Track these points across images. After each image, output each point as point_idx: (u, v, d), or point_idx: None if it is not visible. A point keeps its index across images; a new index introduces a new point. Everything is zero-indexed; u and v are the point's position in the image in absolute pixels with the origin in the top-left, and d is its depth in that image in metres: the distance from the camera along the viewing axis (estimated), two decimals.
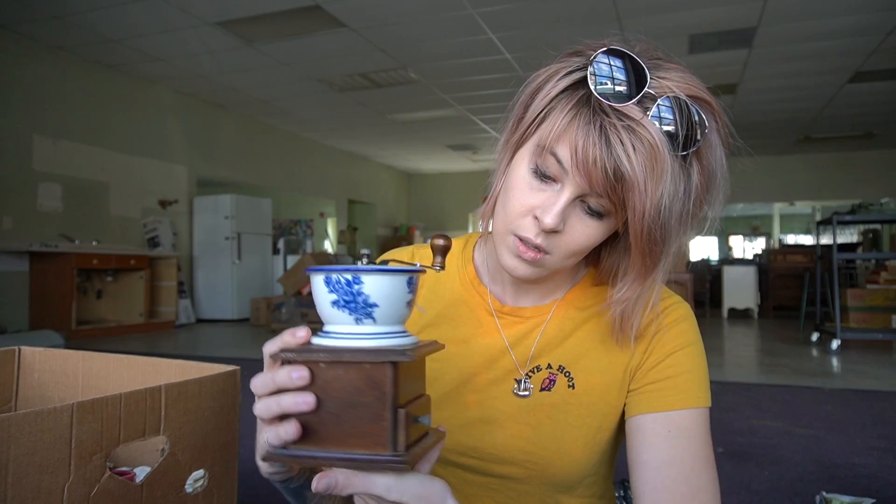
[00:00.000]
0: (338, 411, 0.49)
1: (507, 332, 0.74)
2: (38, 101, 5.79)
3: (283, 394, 0.50)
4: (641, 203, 0.56)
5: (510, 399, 0.71)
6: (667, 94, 0.56)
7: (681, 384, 0.68)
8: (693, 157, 0.58)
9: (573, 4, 4.90)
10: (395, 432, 0.48)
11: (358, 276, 0.50)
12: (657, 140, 0.54)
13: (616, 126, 0.55)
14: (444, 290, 0.78)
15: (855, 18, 5.11)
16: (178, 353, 5.04)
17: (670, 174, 0.55)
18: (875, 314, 5.59)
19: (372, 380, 0.48)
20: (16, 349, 1.12)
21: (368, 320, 0.51)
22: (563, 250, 0.62)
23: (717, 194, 0.62)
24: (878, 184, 10.12)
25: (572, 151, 0.57)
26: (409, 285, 0.52)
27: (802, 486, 1.98)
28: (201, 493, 0.83)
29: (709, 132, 0.57)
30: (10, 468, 0.61)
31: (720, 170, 0.60)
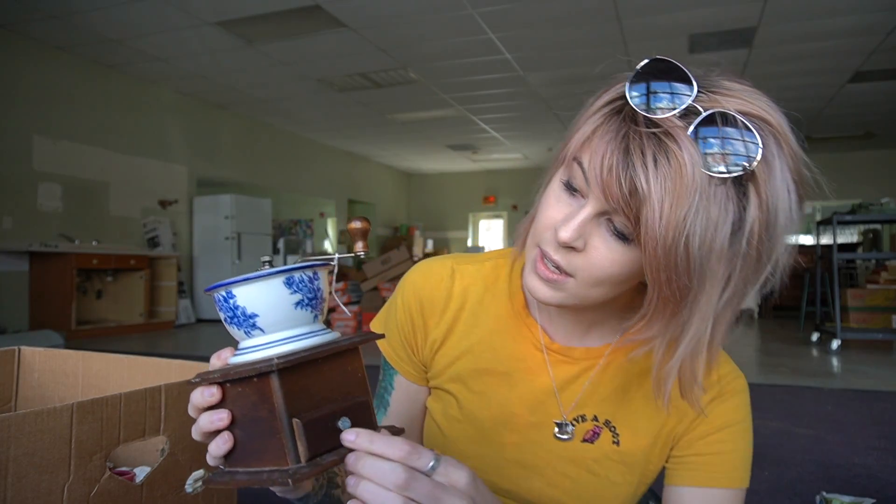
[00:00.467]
0: (248, 427, 0.49)
1: (555, 373, 0.68)
2: (38, 101, 5.79)
3: (202, 414, 0.50)
4: (654, 222, 0.49)
5: (550, 444, 0.68)
6: (715, 108, 0.50)
7: (727, 462, 0.65)
8: (750, 187, 0.50)
9: (573, 4, 4.89)
10: (293, 443, 0.46)
11: (230, 291, 0.48)
12: (685, 156, 0.48)
13: (641, 136, 0.49)
14: (489, 315, 0.71)
15: (855, 18, 5.11)
16: (178, 353, 5.04)
17: (704, 198, 0.48)
18: (875, 314, 5.59)
19: (262, 394, 0.47)
20: (16, 349, 1.12)
21: (256, 331, 0.49)
22: (585, 274, 0.55)
23: (780, 237, 0.52)
24: (878, 184, 10.12)
25: (591, 159, 0.52)
26: (290, 286, 0.49)
27: (802, 486, 1.97)
28: (201, 493, 0.83)
29: (769, 157, 0.49)
30: (10, 468, 0.61)
31: (784, 207, 0.51)
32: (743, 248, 0.50)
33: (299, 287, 0.50)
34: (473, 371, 0.71)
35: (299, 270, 0.50)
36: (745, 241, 0.50)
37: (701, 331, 0.53)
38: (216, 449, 0.50)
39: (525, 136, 9.71)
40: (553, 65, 6.31)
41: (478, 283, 0.73)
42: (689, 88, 0.51)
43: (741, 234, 0.50)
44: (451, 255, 0.77)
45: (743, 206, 0.49)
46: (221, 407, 0.50)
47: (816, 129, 9.01)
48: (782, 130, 0.51)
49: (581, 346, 0.68)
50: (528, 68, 6.44)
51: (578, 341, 0.68)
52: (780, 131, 0.51)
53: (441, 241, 13.15)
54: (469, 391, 0.71)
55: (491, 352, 0.70)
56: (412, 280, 0.75)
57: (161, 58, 6.20)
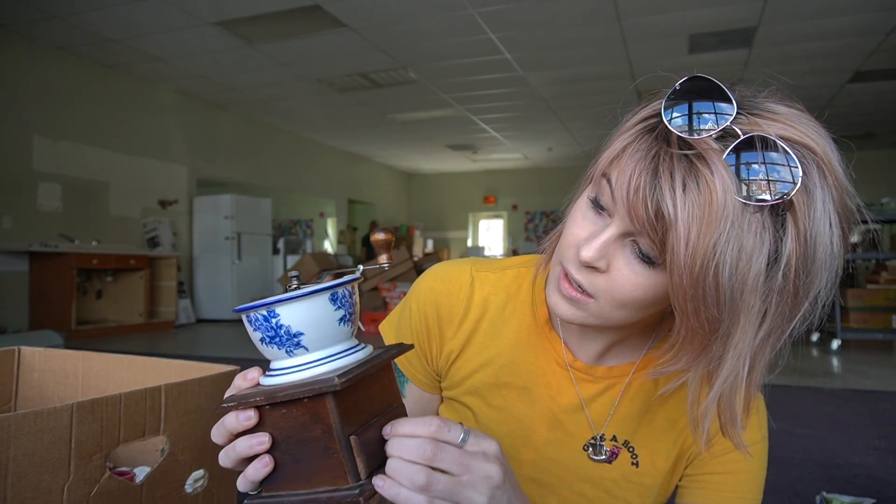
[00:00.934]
0: (293, 450, 0.48)
1: (581, 391, 0.67)
2: (38, 101, 5.79)
3: (238, 439, 0.48)
4: (680, 249, 0.46)
5: (568, 462, 0.67)
6: (755, 131, 0.47)
7: (742, 482, 0.64)
8: (788, 218, 0.47)
9: (573, 4, 4.89)
10: (353, 462, 0.46)
11: (272, 310, 0.47)
12: (717, 182, 0.45)
13: (672, 158, 0.47)
14: (510, 328, 0.69)
15: (855, 18, 5.11)
16: (178, 353, 5.04)
17: (736, 227, 0.45)
18: (875, 314, 5.59)
19: (314, 414, 0.46)
20: (16, 349, 1.12)
21: (300, 350, 0.48)
22: (608, 296, 0.54)
23: (820, 273, 0.48)
24: (878, 184, 10.12)
25: (619, 178, 0.50)
26: (335, 301, 0.48)
27: (802, 486, 1.97)
28: (201, 493, 0.83)
29: (810, 187, 0.47)
30: (10, 468, 0.61)
31: (824, 240, 0.47)
32: (779, 282, 0.47)
33: (342, 303, 0.49)
34: (492, 385, 0.69)
35: (342, 286, 0.49)
36: (781, 275, 0.47)
37: (738, 367, 0.50)
38: (255, 473, 0.48)
39: (525, 136, 9.71)
40: (553, 65, 6.31)
41: (499, 293, 0.70)
42: (730, 109, 0.48)
43: (777, 268, 0.47)
44: (468, 259, 0.74)
45: (780, 237, 0.47)
46: (259, 430, 0.48)
47: None
48: (827, 159, 0.48)
49: (603, 364, 0.67)
50: (528, 68, 6.44)
51: (600, 360, 0.67)
52: (824, 160, 0.48)
53: (441, 241, 13.15)
54: (487, 405, 0.69)
55: (511, 365, 0.68)
56: (430, 285, 0.71)
57: (161, 58, 6.20)
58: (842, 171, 0.49)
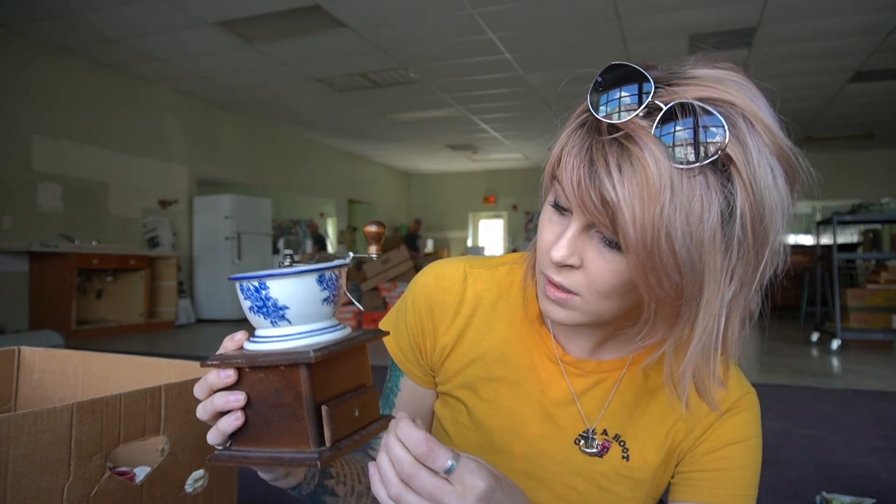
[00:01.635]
0: (265, 412, 0.52)
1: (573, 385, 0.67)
2: (38, 101, 5.79)
3: (216, 393, 0.52)
4: (628, 227, 0.48)
5: (559, 456, 0.67)
6: (675, 100, 0.49)
7: (734, 479, 0.64)
8: (732, 172, 0.48)
9: (573, 4, 4.89)
10: (318, 429, 0.50)
11: (263, 282, 0.52)
12: (647, 155, 0.47)
13: (604, 145, 0.49)
14: (501, 323, 0.70)
15: (855, 18, 5.11)
16: (178, 353, 5.04)
17: (678, 192, 0.47)
18: (875, 314, 5.59)
19: (287, 381, 0.50)
20: (16, 349, 1.12)
21: (283, 322, 0.52)
22: (590, 289, 0.55)
23: (773, 217, 0.50)
24: (878, 184, 10.12)
25: (563, 177, 0.52)
26: (322, 283, 0.52)
27: (802, 486, 1.97)
28: (201, 493, 0.83)
29: (741, 138, 0.48)
30: (10, 468, 0.61)
31: (769, 184, 0.49)
32: (738, 234, 0.49)
33: (328, 285, 0.53)
34: (484, 379, 0.70)
35: (330, 270, 0.53)
36: (738, 227, 0.49)
37: (711, 326, 0.52)
38: (227, 426, 0.52)
39: (525, 136, 9.72)
40: (553, 65, 6.31)
41: (491, 289, 0.72)
42: (648, 87, 0.50)
43: (733, 221, 0.49)
44: (463, 257, 0.76)
45: (729, 191, 0.48)
46: (237, 388, 0.52)
47: (816, 129, 9.01)
48: (751, 109, 0.50)
49: (593, 359, 0.68)
50: (528, 68, 6.44)
51: (591, 354, 0.68)
52: (748, 110, 0.49)
53: (441, 241, 13.15)
54: (479, 399, 0.70)
55: (503, 360, 0.69)
56: (423, 282, 0.73)
57: (161, 58, 6.20)
58: (770, 117, 0.51)
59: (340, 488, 0.69)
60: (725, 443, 0.65)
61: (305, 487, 0.64)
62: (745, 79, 0.53)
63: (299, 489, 0.64)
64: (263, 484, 1.92)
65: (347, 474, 0.71)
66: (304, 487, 0.64)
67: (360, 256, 0.58)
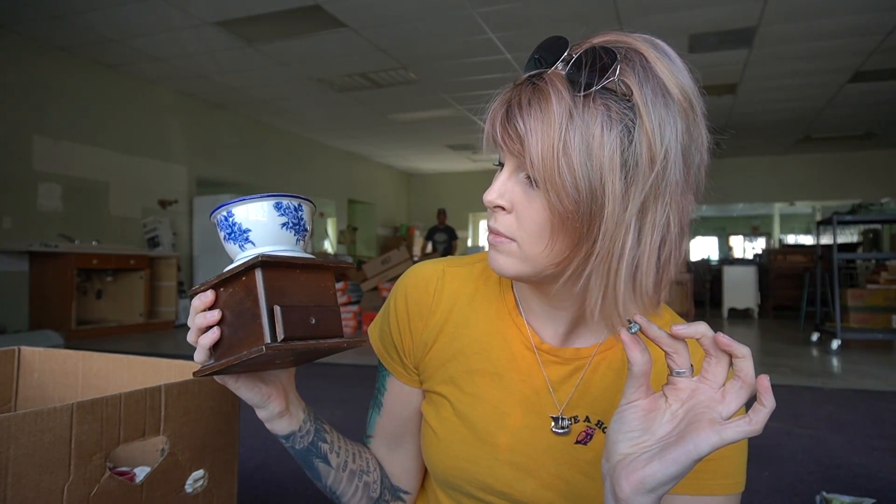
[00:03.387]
0: (233, 321, 0.58)
1: (547, 373, 0.68)
2: (38, 101, 5.79)
3: (197, 315, 0.59)
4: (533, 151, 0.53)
5: (544, 446, 0.68)
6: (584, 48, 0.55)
7: (721, 468, 0.63)
8: (633, 101, 0.52)
9: (573, 4, 4.90)
10: (271, 325, 0.54)
11: (230, 210, 0.58)
12: (552, 91, 0.53)
13: (520, 89, 0.56)
14: (479, 317, 0.72)
15: (855, 18, 5.11)
16: (178, 353, 5.04)
17: (578, 118, 0.52)
18: (875, 314, 5.59)
19: (247, 287, 0.56)
20: (16, 349, 1.12)
21: (248, 244, 0.59)
22: (522, 232, 0.58)
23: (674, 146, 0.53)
24: (878, 184, 10.12)
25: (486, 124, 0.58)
26: (279, 209, 0.59)
27: (802, 486, 1.97)
28: (201, 493, 0.83)
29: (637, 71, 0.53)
30: (10, 468, 0.61)
31: (664, 114, 0.53)
32: (636, 157, 0.52)
33: (285, 212, 0.59)
34: (465, 372, 0.71)
35: (287, 198, 0.59)
36: (637, 151, 0.52)
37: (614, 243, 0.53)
38: (204, 339, 0.58)
39: None
40: None
41: (468, 285, 0.74)
42: (566, 44, 0.56)
43: (633, 146, 0.52)
44: (445, 258, 0.78)
45: (630, 119, 0.52)
46: (214, 308, 0.59)
47: (816, 129, 9.01)
48: (648, 52, 0.54)
49: (570, 346, 0.68)
50: None
51: (567, 342, 0.68)
52: (645, 52, 0.54)
53: None
54: (461, 392, 0.71)
55: (482, 353, 0.70)
56: (404, 283, 0.76)
57: (161, 58, 6.20)
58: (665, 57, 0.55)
59: (334, 458, 0.71)
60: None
61: (299, 441, 0.68)
62: (667, 47, 0.57)
63: (293, 440, 0.68)
64: (263, 484, 1.93)
65: (343, 448, 0.72)
66: (298, 441, 0.68)
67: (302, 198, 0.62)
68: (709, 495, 0.63)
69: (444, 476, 0.72)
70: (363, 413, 0.89)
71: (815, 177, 10.78)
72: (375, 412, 0.79)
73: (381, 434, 0.79)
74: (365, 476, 0.74)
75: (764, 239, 14.01)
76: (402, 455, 0.79)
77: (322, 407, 2.80)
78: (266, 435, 0.94)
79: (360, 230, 11.48)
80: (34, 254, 5.68)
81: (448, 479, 0.72)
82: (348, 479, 0.72)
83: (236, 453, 0.90)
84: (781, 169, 10.76)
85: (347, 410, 2.79)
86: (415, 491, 0.81)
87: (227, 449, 0.87)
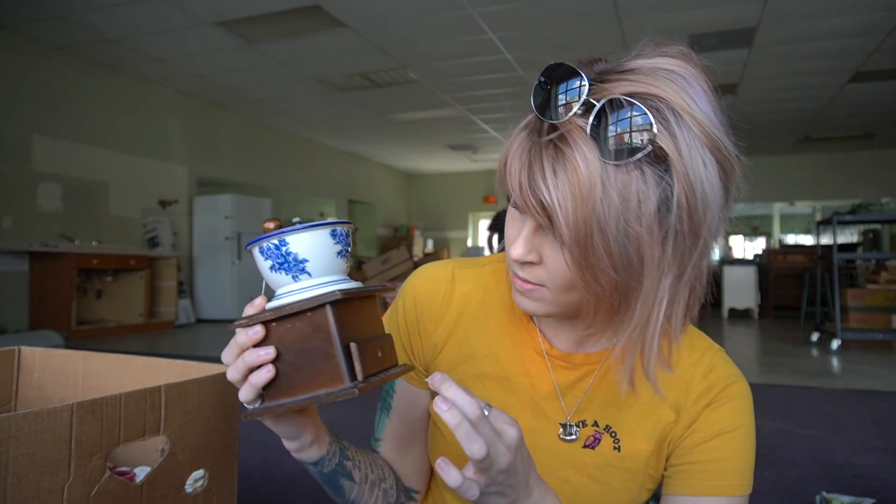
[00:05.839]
0: (295, 359, 0.54)
1: (556, 378, 0.68)
2: (38, 101, 5.79)
3: (246, 351, 0.54)
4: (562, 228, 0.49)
5: (551, 450, 0.68)
6: (605, 97, 0.49)
7: (727, 469, 0.63)
8: (669, 164, 0.48)
9: (573, 4, 4.89)
10: (350, 364, 0.52)
11: (283, 239, 0.55)
12: (577, 156, 0.48)
13: (541, 148, 0.50)
14: (489, 321, 0.72)
15: (855, 18, 5.11)
16: (178, 353, 5.04)
17: (610, 188, 0.48)
18: (875, 314, 5.59)
19: (315, 324, 0.53)
20: (16, 349, 1.12)
21: (304, 275, 0.55)
22: (554, 283, 0.56)
23: (709, 207, 0.50)
24: (878, 184, 10.12)
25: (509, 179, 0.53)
26: (335, 237, 0.56)
27: (802, 486, 1.97)
28: (201, 493, 0.83)
29: (672, 130, 0.48)
30: (10, 468, 0.61)
31: (702, 175, 0.49)
32: (675, 226, 0.49)
33: (340, 239, 0.57)
34: (474, 376, 0.71)
35: (340, 225, 0.57)
36: (675, 219, 0.49)
37: (651, 313, 0.52)
38: (259, 378, 0.54)
39: None
40: None
41: (478, 289, 0.73)
42: (583, 85, 0.51)
43: (670, 212, 0.49)
44: (452, 259, 0.78)
45: (667, 183, 0.49)
46: (265, 344, 0.54)
47: (816, 129, 9.01)
48: (679, 102, 0.49)
49: (580, 351, 0.68)
50: (528, 68, 6.43)
51: (578, 347, 0.68)
52: (676, 103, 0.49)
53: (441, 241, 13.16)
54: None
55: (492, 357, 0.70)
56: (413, 284, 0.75)
57: (161, 58, 6.20)
58: (700, 108, 0.50)
59: (357, 473, 0.70)
60: (715, 433, 0.64)
61: (327, 464, 0.66)
62: (684, 65, 0.52)
63: (321, 465, 0.65)
64: (263, 484, 1.93)
65: (363, 461, 0.72)
66: (326, 464, 0.65)
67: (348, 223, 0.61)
68: (712, 496, 0.63)
69: None
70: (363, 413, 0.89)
71: (815, 177, 10.77)
72: (384, 415, 0.78)
73: (390, 437, 0.78)
74: (383, 483, 0.74)
75: (764, 239, 14.01)
76: (412, 456, 0.79)
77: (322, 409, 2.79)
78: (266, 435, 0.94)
79: (360, 230, 11.48)
80: (34, 254, 5.68)
81: None
82: (370, 491, 0.72)
83: (236, 453, 0.90)
84: (781, 169, 10.75)
85: (347, 411, 2.79)
86: (424, 490, 0.81)
87: (227, 449, 0.87)
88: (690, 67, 0.53)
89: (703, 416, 0.65)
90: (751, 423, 0.66)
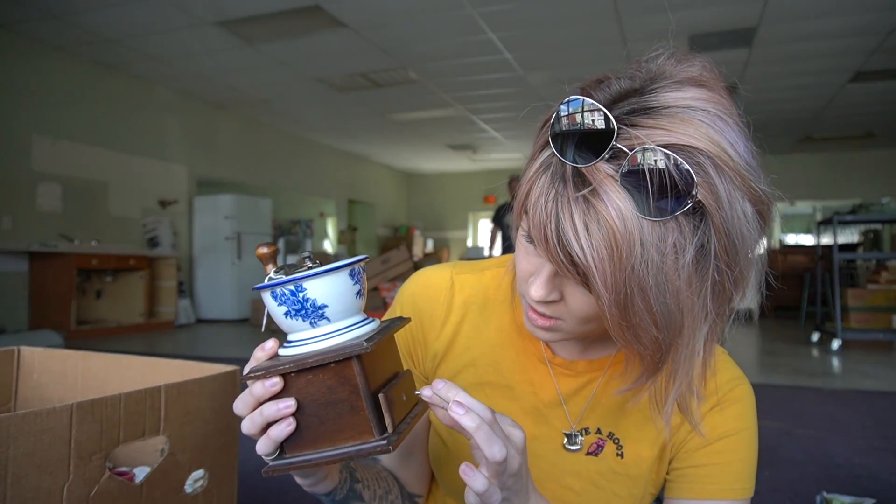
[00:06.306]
0: (318, 412, 0.51)
1: (560, 386, 0.68)
2: (38, 101, 5.79)
3: (264, 404, 0.51)
4: (600, 290, 0.46)
5: (554, 458, 0.67)
6: (636, 146, 0.45)
7: (729, 472, 0.63)
8: (704, 213, 0.46)
9: (573, 4, 4.89)
10: (379, 417, 0.50)
11: (300, 284, 0.50)
12: (614, 214, 0.45)
13: (569, 202, 0.46)
14: (491, 328, 0.71)
15: (855, 18, 5.11)
16: (178, 353, 5.04)
17: (649, 244, 0.45)
18: (876, 314, 5.59)
19: (340, 376, 0.50)
20: (15, 349, 1.12)
21: (323, 321, 0.52)
22: (572, 317, 0.55)
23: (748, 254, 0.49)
24: (878, 184, 10.12)
25: (531, 223, 0.49)
26: (353, 277, 0.52)
27: (802, 486, 1.97)
28: (201, 493, 0.82)
29: (711, 182, 0.45)
30: (10, 468, 0.61)
31: (742, 226, 0.47)
32: (713, 276, 0.48)
33: (358, 279, 0.53)
34: (476, 384, 0.70)
35: (356, 263, 0.53)
36: (713, 269, 0.48)
37: (691, 361, 0.52)
38: (279, 433, 0.51)
39: (525, 135, 9.71)
40: (553, 65, 6.31)
41: (479, 295, 0.72)
42: (610, 129, 0.46)
43: (708, 263, 0.47)
44: (450, 263, 0.76)
45: (703, 232, 0.46)
46: (284, 395, 0.51)
47: (816, 129, 9.00)
48: (717, 151, 0.46)
49: (583, 359, 0.68)
50: (528, 68, 6.43)
51: (581, 355, 0.68)
52: (713, 153, 0.46)
53: (441, 241, 13.15)
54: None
55: (493, 364, 0.70)
56: (411, 291, 0.74)
57: (161, 58, 6.20)
58: (737, 155, 0.47)
59: (366, 493, 0.69)
60: (718, 436, 0.64)
61: (340, 492, 0.64)
62: (714, 96, 0.49)
63: (334, 494, 0.63)
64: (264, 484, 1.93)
65: (369, 478, 0.71)
66: (339, 492, 0.64)
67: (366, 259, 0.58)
68: (715, 499, 0.63)
69: (454, 486, 0.72)
70: None
71: (815, 177, 10.77)
72: None
73: None
74: (389, 495, 0.74)
75: (764, 239, 14.01)
76: (414, 463, 0.79)
77: None
78: None
79: (360, 230, 11.48)
80: (34, 254, 5.68)
81: (458, 488, 0.71)
82: None
83: (236, 453, 0.90)
84: (781, 169, 10.74)
85: None
86: (426, 494, 0.81)
87: (227, 449, 0.87)
88: (719, 97, 0.50)
89: (707, 419, 0.64)
90: (754, 426, 0.66)
